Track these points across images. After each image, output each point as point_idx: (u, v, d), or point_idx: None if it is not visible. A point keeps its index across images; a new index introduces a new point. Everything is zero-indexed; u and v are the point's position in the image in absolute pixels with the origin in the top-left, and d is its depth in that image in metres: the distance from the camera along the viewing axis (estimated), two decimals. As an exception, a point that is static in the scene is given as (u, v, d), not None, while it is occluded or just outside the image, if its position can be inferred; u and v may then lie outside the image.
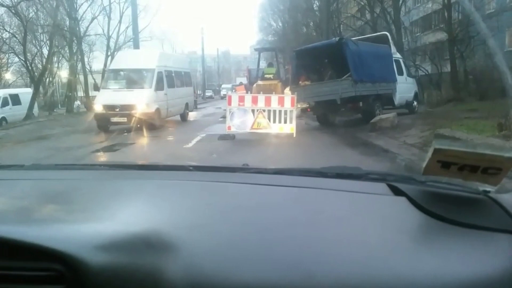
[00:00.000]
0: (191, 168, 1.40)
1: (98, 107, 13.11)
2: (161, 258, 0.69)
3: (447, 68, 21.21)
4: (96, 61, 38.20)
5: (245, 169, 1.36)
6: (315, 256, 0.71)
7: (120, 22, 33.68)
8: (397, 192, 1.02)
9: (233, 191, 1.13)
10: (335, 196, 1.06)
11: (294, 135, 9.71)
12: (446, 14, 20.50)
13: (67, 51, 30.96)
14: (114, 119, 12.76)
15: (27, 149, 10.64)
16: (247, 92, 13.25)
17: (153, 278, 0.66)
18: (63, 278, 0.66)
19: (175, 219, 0.90)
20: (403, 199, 0.97)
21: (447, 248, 0.74)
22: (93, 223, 0.83)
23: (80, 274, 0.64)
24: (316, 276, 0.66)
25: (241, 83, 23.77)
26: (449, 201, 0.93)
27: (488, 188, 0.91)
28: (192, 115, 18.79)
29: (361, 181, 1.18)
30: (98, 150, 9.47)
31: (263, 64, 17.41)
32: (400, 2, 23.28)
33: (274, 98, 10.02)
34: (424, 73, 22.95)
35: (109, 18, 33.44)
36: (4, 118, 20.72)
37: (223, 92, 49.68)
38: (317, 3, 34.16)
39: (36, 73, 27.55)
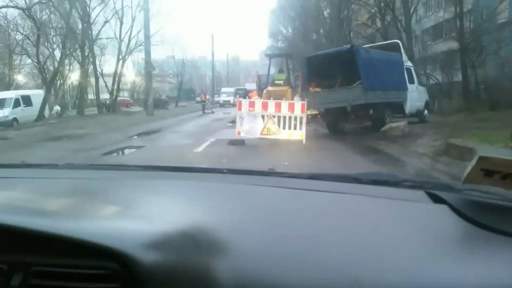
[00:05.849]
0: (225, 171, 1.41)
1: None
2: (210, 259, 0.69)
3: (458, 77, 21.08)
4: (107, 64, 38.58)
5: (279, 173, 1.36)
6: (362, 262, 0.71)
7: (132, 26, 34.10)
8: (437, 200, 1.01)
9: (271, 195, 1.13)
10: (374, 203, 1.05)
11: (304, 142, 9.69)
12: (458, 23, 20.41)
13: (79, 54, 31.27)
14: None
15: (40, 150, 10.72)
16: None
17: (203, 279, 0.66)
18: (118, 277, 0.65)
19: (219, 220, 0.89)
20: (444, 207, 0.95)
21: (494, 257, 0.73)
22: (141, 221, 0.82)
23: (135, 273, 0.63)
24: (364, 282, 0.66)
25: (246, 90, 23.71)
26: (492, 210, 0.92)
27: None
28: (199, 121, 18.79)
29: (398, 188, 1.17)
30: (108, 153, 9.52)
31: (273, 70, 17.40)
32: (411, 10, 23.24)
33: (284, 104, 9.99)
34: (435, 82, 22.84)
35: (121, 22, 33.85)
36: (15, 119, 20.96)
37: (222, 98, 45.70)
38: (328, 11, 34.22)
39: (48, 75, 27.84)
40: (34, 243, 0.68)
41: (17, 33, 31.52)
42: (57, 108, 29.34)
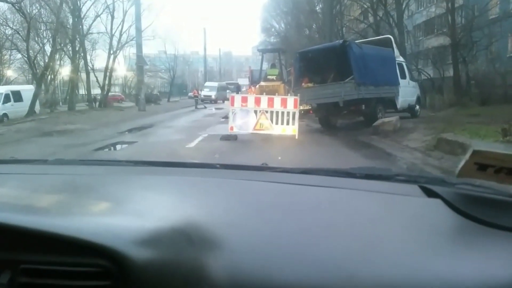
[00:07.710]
0: (218, 166, 1.40)
1: None
2: (203, 255, 0.68)
3: (450, 72, 21.21)
4: (98, 59, 38.25)
5: (272, 168, 1.35)
6: (357, 256, 0.71)
7: (123, 20, 33.84)
8: (430, 194, 1.01)
9: (264, 190, 1.13)
10: (367, 197, 1.05)
11: (297, 137, 9.69)
12: (449, 18, 20.50)
13: (70, 48, 30.96)
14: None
15: (30, 145, 10.62)
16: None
17: (196, 275, 0.65)
18: (109, 274, 0.63)
19: (212, 216, 0.88)
20: (438, 201, 0.95)
21: (488, 251, 0.73)
22: (133, 218, 0.80)
23: (127, 270, 0.62)
24: (359, 276, 0.65)
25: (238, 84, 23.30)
26: (485, 204, 0.92)
27: None
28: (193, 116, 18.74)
29: (391, 182, 1.17)
30: (100, 148, 9.45)
31: (265, 66, 17.36)
32: (403, 5, 23.30)
33: (277, 99, 9.99)
34: (426, 77, 22.95)
35: (112, 17, 33.57)
36: (5, 115, 20.75)
37: (203, 93, 39.19)
38: (320, 6, 34.16)
39: (38, 70, 27.53)
40: (23, 240, 0.67)
41: (7, 27, 31.14)
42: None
